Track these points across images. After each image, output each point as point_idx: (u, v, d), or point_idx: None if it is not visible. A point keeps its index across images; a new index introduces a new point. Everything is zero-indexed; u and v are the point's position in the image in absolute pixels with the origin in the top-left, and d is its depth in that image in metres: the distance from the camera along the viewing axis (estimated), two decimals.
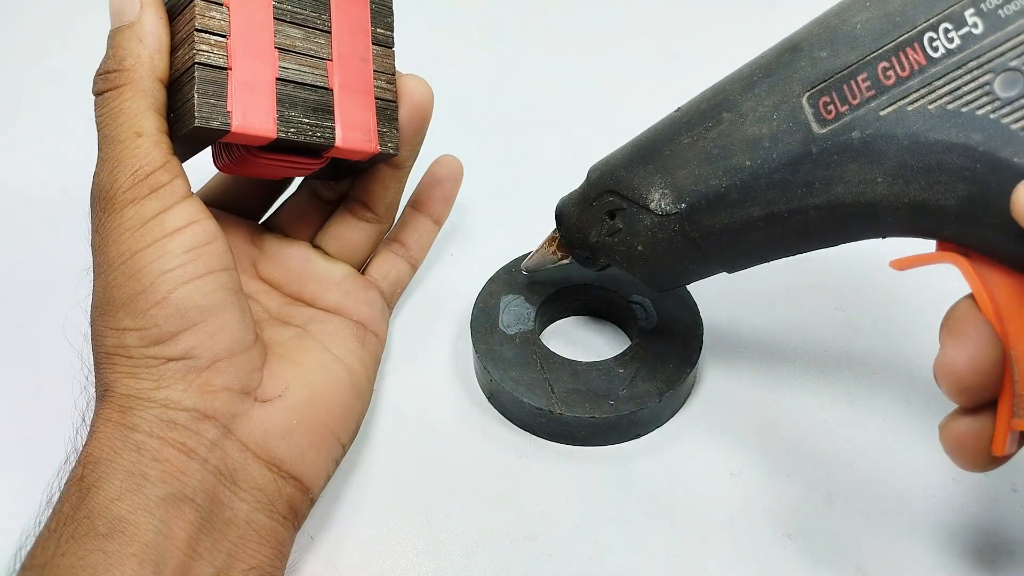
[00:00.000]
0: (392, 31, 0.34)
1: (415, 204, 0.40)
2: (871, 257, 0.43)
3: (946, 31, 0.24)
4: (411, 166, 0.37)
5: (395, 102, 0.34)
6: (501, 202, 0.48)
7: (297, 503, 0.30)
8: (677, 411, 0.37)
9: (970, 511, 0.32)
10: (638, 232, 0.31)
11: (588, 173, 0.34)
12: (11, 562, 0.27)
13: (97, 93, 0.29)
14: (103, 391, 0.28)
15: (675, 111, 0.31)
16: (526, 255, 0.41)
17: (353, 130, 0.32)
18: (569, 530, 0.33)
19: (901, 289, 0.41)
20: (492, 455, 0.35)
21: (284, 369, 0.31)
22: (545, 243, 0.37)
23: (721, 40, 0.61)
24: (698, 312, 0.38)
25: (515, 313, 0.39)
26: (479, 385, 0.38)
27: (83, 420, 0.30)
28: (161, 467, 0.27)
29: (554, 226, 0.37)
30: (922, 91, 0.25)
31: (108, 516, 0.25)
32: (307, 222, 0.38)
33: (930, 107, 0.25)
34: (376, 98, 0.33)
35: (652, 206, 0.30)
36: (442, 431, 0.36)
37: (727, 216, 0.29)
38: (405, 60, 0.35)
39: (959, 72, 0.24)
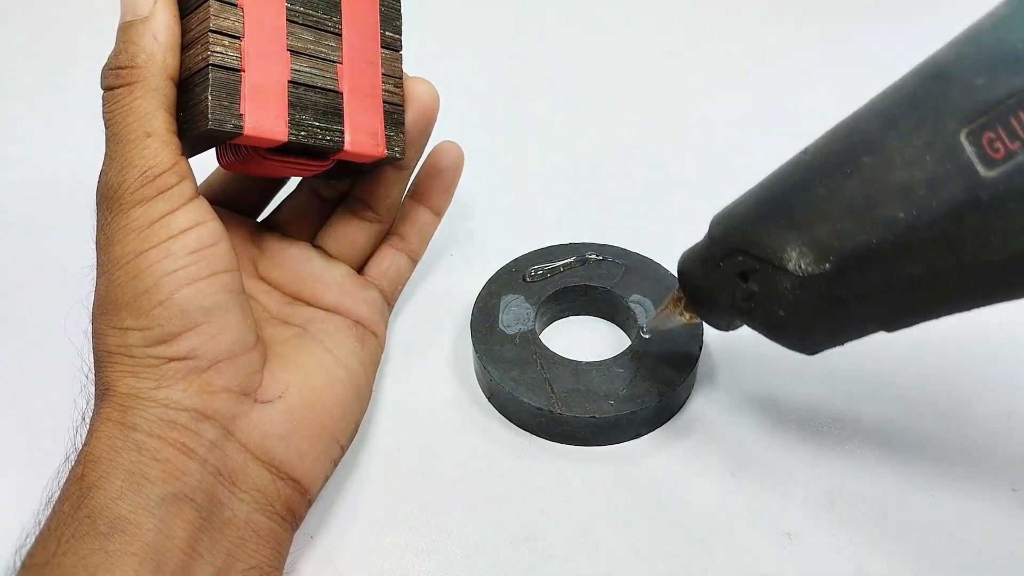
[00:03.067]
0: (400, 34, 0.34)
1: (414, 195, 0.39)
2: None
3: None
4: (415, 167, 0.37)
5: (402, 106, 0.34)
6: (502, 202, 0.48)
7: (295, 504, 0.30)
8: (677, 411, 0.37)
9: (970, 511, 0.32)
10: (778, 296, 0.27)
11: (710, 227, 0.30)
12: (11, 560, 0.27)
13: (106, 88, 0.29)
14: (103, 390, 0.28)
15: (800, 153, 0.28)
16: (526, 255, 0.41)
17: (361, 134, 0.32)
18: (569, 530, 0.33)
19: None
20: (492, 455, 0.35)
21: (284, 370, 0.31)
22: (670, 302, 0.34)
23: (722, 40, 0.62)
24: None
25: (515, 313, 0.39)
26: (479, 385, 0.38)
27: (83, 419, 0.30)
28: (161, 467, 0.27)
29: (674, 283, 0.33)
30: None
31: (109, 515, 0.25)
32: (307, 221, 0.38)
33: None
34: (384, 102, 0.33)
35: (790, 267, 0.27)
36: (442, 431, 0.36)
37: (882, 275, 0.25)
38: (408, 58, 0.35)
39: None
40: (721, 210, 0.30)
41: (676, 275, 0.32)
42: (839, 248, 0.26)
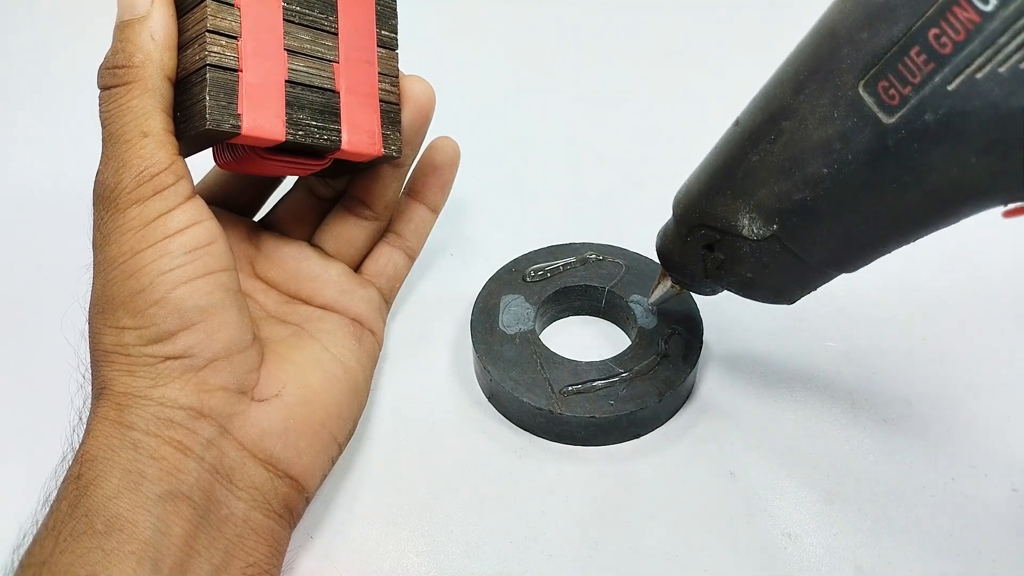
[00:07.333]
0: (396, 33, 0.34)
1: (411, 192, 0.39)
2: None
3: None
4: (411, 165, 0.37)
5: (398, 104, 0.34)
6: (501, 201, 0.48)
7: (293, 502, 0.30)
8: (677, 411, 0.37)
9: (970, 511, 0.32)
10: (741, 260, 0.30)
11: (672, 207, 0.32)
12: (9, 559, 0.27)
13: (103, 88, 0.29)
14: (100, 389, 0.28)
15: (733, 125, 0.29)
16: (526, 255, 0.41)
17: (358, 133, 0.32)
18: (569, 530, 0.33)
19: (901, 288, 0.41)
20: (492, 455, 0.35)
21: (281, 368, 0.31)
22: (660, 278, 0.36)
23: (721, 39, 0.62)
24: (698, 312, 0.38)
25: (515, 313, 0.39)
26: (479, 385, 0.38)
27: (80, 418, 0.30)
28: (158, 465, 0.27)
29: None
30: (987, 54, 0.22)
31: (106, 514, 0.25)
32: (304, 220, 0.38)
33: (1000, 70, 0.22)
34: (380, 100, 0.33)
35: (744, 232, 0.29)
36: (442, 431, 0.36)
37: (824, 227, 0.27)
38: (406, 57, 0.35)
39: (1022, 23, 0.21)
40: (679, 188, 0.32)
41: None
42: (780, 209, 0.28)
